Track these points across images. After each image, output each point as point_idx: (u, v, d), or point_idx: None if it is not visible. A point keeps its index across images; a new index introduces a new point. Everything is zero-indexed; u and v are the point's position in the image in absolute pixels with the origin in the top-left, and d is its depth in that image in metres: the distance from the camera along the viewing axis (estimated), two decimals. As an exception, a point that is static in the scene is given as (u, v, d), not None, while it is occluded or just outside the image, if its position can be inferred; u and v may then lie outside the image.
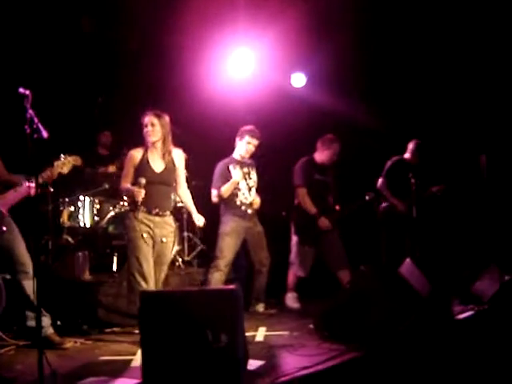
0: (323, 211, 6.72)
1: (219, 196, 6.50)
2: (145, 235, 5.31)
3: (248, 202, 6.58)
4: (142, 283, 5.24)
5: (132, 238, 5.33)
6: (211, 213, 6.63)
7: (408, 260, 5.79)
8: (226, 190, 6.45)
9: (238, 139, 6.61)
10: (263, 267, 6.66)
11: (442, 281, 5.73)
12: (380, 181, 7.38)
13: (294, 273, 6.87)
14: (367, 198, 6.91)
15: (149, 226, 5.35)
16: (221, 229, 6.58)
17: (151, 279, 5.30)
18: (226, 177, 6.48)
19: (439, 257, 6.94)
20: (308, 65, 8.70)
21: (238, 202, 6.54)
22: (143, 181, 5.28)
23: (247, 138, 6.53)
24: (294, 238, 6.88)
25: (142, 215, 5.32)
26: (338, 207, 6.90)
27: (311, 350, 4.83)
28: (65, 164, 5.18)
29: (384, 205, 7.35)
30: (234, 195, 6.53)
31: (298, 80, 8.91)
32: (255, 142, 6.57)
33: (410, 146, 7.49)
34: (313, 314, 5.76)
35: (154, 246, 5.39)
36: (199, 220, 5.76)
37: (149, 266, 5.30)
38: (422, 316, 5.08)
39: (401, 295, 5.22)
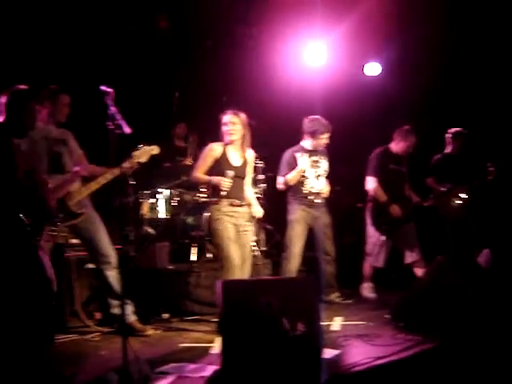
0: (396, 200, 6.68)
1: (285, 184, 6.52)
2: (229, 226, 5.43)
3: (316, 191, 6.58)
4: (232, 268, 5.32)
5: (217, 229, 5.43)
6: (286, 203, 6.71)
7: (487, 250, 5.71)
8: (291, 177, 6.47)
9: (307, 134, 6.59)
10: (329, 257, 6.67)
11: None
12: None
13: (370, 263, 6.87)
14: (443, 189, 6.87)
15: (232, 217, 5.46)
16: (289, 217, 6.62)
17: (239, 262, 5.39)
18: (292, 165, 6.50)
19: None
20: (383, 54, 8.62)
21: (306, 191, 6.55)
22: (232, 173, 5.40)
23: (319, 135, 6.52)
24: (370, 229, 6.87)
25: (225, 207, 5.44)
26: (416, 197, 6.85)
27: (386, 341, 4.85)
28: (143, 154, 5.34)
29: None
30: (300, 183, 6.53)
31: (373, 69, 8.83)
32: (327, 135, 6.57)
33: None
34: (389, 305, 5.76)
35: (236, 237, 5.48)
36: (258, 212, 5.81)
37: (237, 254, 5.38)
38: (500, 307, 5.02)
39: (479, 285, 5.15)
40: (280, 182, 6.57)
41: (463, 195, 7.02)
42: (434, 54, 8.07)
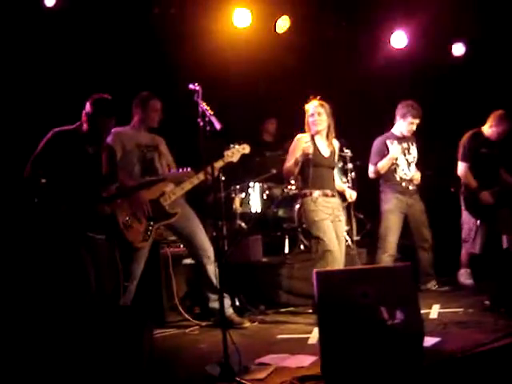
0: (489, 185, 6.51)
1: (376, 172, 6.48)
2: (325, 216, 5.44)
3: (408, 178, 6.51)
4: (334, 261, 5.33)
5: (314, 220, 5.44)
6: (376, 192, 6.66)
7: None
8: (382, 165, 6.42)
9: (398, 117, 6.52)
10: (426, 244, 6.59)
11: None
12: None
13: (467, 250, 6.72)
14: None
15: (326, 208, 5.47)
16: (383, 207, 6.57)
17: (339, 255, 5.40)
18: (384, 152, 6.44)
19: None
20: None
21: (398, 178, 6.49)
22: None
23: (410, 119, 6.43)
24: (465, 214, 6.72)
25: (319, 198, 5.46)
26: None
27: (487, 327, 4.74)
28: (234, 153, 5.45)
29: None
30: (392, 171, 6.48)
31: (459, 50, 8.60)
32: (417, 121, 6.47)
33: None
34: (488, 291, 5.63)
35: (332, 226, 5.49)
36: (351, 195, 5.80)
37: (335, 243, 5.40)
38: None
39: None
40: (371, 171, 6.54)
41: None
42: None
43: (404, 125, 6.48)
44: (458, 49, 8.57)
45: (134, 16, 6.90)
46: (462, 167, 6.61)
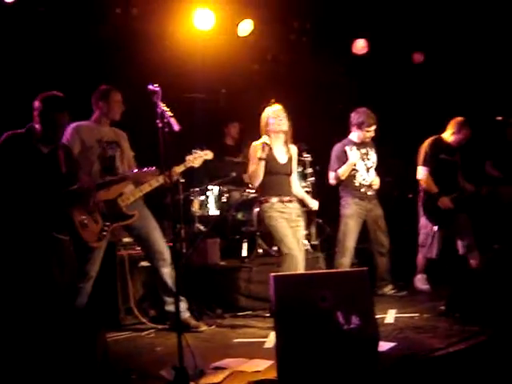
0: (448, 191, 6.57)
1: (337, 178, 6.52)
2: (282, 221, 5.44)
3: (367, 184, 6.56)
4: (296, 264, 5.32)
5: (273, 225, 5.46)
6: (335, 196, 6.68)
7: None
8: (343, 171, 6.46)
9: (355, 126, 6.56)
10: (383, 249, 6.64)
11: None
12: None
13: (423, 255, 6.79)
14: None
15: (283, 213, 5.47)
16: (342, 212, 6.60)
17: (300, 259, 5.39)
18: (343, 159, 6.49)
19: None
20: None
21: (357, 184, 6.54)
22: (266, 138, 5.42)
23: (366, 128, 6.48)
24: (423, 220, 6.78)
25: (276, 204, 5.46)
26: (470, 187, 6.73)
27: (442, 332, 4.79)
28: (196, 158, 5.43)
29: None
30: (352, 177, 6.52)
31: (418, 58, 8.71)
32: (374, 127, 6.51)
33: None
34: (443, 296, 5.68)
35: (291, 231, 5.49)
36: (313, 204, 5.82)
37: (295, 246, 5.40)
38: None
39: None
40: (332, 177, 6.57)
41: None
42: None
43: (361, 132, 6.52)
44: (418, 57, 8.68)
45: (95, 16, 6.83)
46: (422, 172, 6.66)
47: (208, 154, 5.53)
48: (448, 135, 6.67)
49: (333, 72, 8.32)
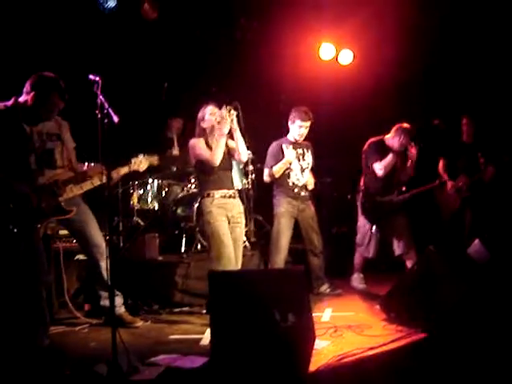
0: (387, 191, 6.66)
1: (271, 175, 6.50)
2: (222, 218, 5.40)
3: (300, 184, 6.57)
4: (224, 261, 5.29)
5: (210, 221, 5.39)
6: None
7: (476, 241, 5.69)
8: (277, 169, 6.45)
9: (289, 123, 6.58)
10: (315, 249, 6.65)
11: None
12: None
13: (360, 254, 6.87)
14: (437, 181, 6.88)
15: (224, 209, 5.43)
16: (275, 210, 6.60)
17: (232, 256, 5.35)
18: (279, 156, 6.49)
19: (507, 237, 6.79)
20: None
21: (291, 184, 6.54)
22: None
23: (298, 122, 6.48)
24: (361, 220, 6.86)
25: (216, 200, 5.42)
26: (404, 188, 6.82)
27: (377, 331, 4.85)
28: (142, 162, 5.35)
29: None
30: (286, 176, 6.52)
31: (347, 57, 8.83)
32: (307, 124, 6.50)
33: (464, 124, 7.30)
34: (379, 295, 5.76)
35: (229, 229, 5.45)
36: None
37: (230, 246, 5.36)
38: (490, 298, 5.02)
39: (469, 277, 5.15)
40: (266, 174, 6.55)
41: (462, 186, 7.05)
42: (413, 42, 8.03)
43: (294, 129, 6.53)
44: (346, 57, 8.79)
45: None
46: (363, 174, 6.76)
47: (154, 161, 5.46)
48: (390, 138, 6.73)
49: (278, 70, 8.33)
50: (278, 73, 8.10)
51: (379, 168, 6.54)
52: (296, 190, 6.56)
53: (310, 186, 6.64)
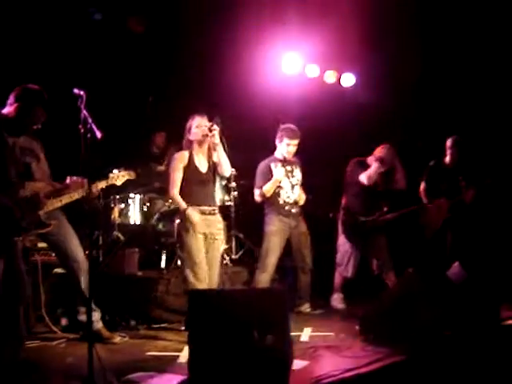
0: (368, 213, 6.69)
1: (262, 195, 6.49)
2: (199, 235, 5.38)
3: (291, 201, 6.57)
4: (196, 282, 5.29)
5: (184, 236, 5.38)
6: (257, 212, 6.69)
7: (456, 263, 5.72)
8: (268, 188, 6.44)
9: (277, 141, 6.59)
10: (306, 266, 6.64)
11: (490, 284, 5.65)
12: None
13: (340, 273, 6.87)
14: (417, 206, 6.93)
15: (202, 226, 5.40)
16: (266, 228, 6.57)
17: (205, 277, 5.34)
18: (268, 176, 6.47)
19: (487, 259, 6.82)
20: (358, 65, 8.69)
21: (281, 202, 6.52)
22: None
23: (286, 140, 6.49)
24: (341, 239, 6.87)
25: (195, 214, 5.39)
26: (386, 209, 6.84)
27: (356, 352, 4.83)
28: (119, 177, 5.34)
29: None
30: (276, 194, 6.51)
31: (348, 80, 8.90)
32: (295, 142, 6.53)
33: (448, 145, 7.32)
34: (358, 316, 5.75)
35: (205, 245, 5.43)
36: None
37: (202, 264, 5.34)
38: (469, 320, 5.04)
39: (448, 299, 5.17)
40: (257, 194, 6.53)
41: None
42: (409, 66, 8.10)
43: (282, 147, 6.55)
44: (348, 79, 8.87)
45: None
46: (345, 193, 6.79)
47: (131, 175, 5.46)
48: (371, 159, 6.76)
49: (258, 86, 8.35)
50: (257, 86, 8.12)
51: (365, 177, 6.58)
52: (287, 208, 6.55)
53: (301, 202, 6.63)
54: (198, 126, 5.49)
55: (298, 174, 6.67)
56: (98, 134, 4.11)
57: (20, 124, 4.70)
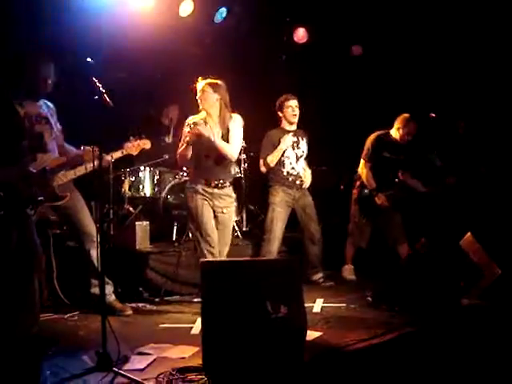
0: (386, 188, 6.64)
1: (267, 165, 6.46)
2: (205, 205, 5.30)
3: (295, 173, 6.54)
4: (209, 251, 5.25)
5: (193, 208, 5.33)
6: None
7: (469, 234, 5.69)
8: (272, 158, 6.41)
9: (279, 112, 6.56)
10: (314, 237, 6.63)
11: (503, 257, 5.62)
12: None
13: (351, 244, 6.86)
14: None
15: (208, 198, 5.34)
16: (270, 199, 6.55)
17: (216, 246, 5.31)
18: (274, 145, 6.45)
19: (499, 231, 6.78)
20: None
21: (285, 173, 6.51)
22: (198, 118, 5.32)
23: (286, 104, 6.48)
24: (354, 208, 6.84)
25: (201, 187, 5.33)
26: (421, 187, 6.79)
27: (368, 323, 4.84)
28: (134, 146, 5.30)
29: None
30: (281, 165, 6.49)
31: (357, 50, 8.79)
32: (295, 101, 6.50)
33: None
34: (370, 287, 5.75)
35: (215, 218, 5.37)
36: None
37: (213, 233, 5.30)
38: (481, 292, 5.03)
39: (461, 269, 5.16)
40: (262, 164, 6.50)
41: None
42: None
43: (287, 112, 6.51)
44: (356, 50, 8.75)
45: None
46: (363, 166, 6.74)
47: (146, 144, 5.41)
48: (394, 131, 6.73)
49: (273, 59, 8.27)
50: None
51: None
52: (291, 179, 6.52)
53: (306, 185, 6.60)
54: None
55: (304, 146, 6.62)
56: (110, 102, 4.07)
57: (28, 87, 4.68)
